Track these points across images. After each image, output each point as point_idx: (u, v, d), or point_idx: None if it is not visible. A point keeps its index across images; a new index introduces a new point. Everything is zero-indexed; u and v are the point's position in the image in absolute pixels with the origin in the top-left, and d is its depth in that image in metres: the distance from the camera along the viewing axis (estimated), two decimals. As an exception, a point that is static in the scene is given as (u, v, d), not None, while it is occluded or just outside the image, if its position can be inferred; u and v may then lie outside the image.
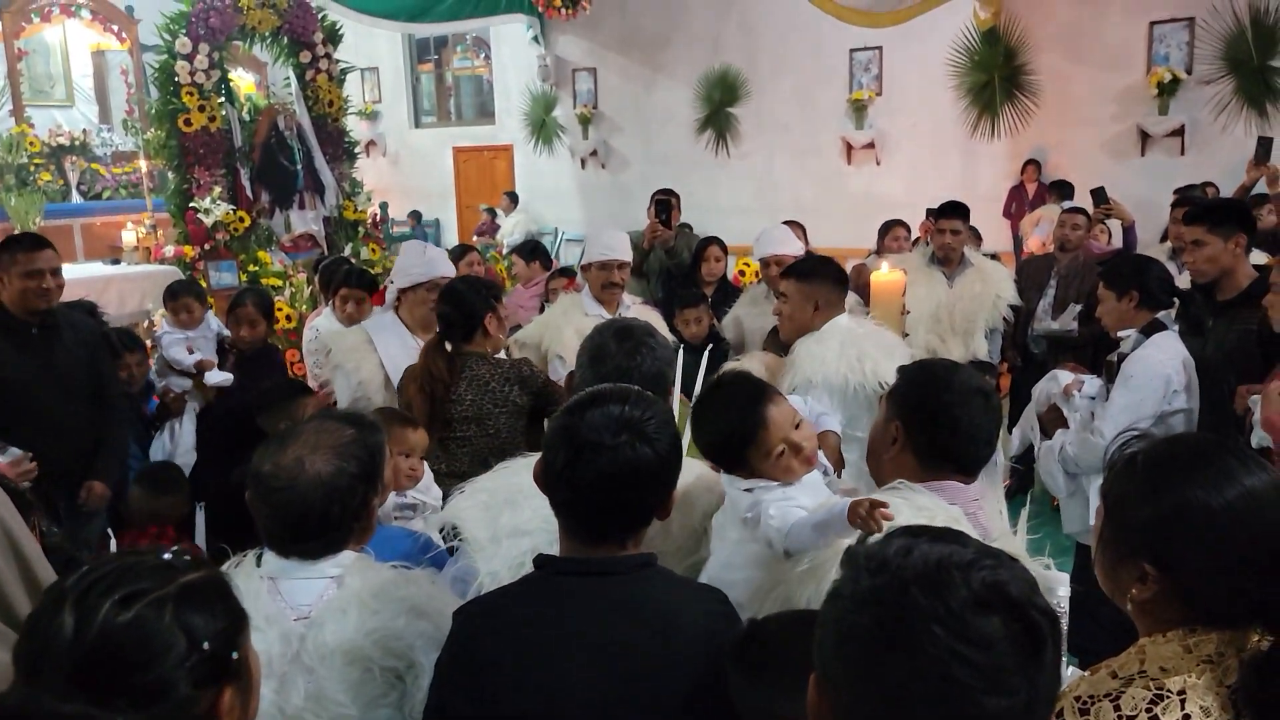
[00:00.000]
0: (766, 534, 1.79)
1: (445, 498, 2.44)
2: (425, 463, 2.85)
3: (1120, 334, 3.34)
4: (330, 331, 4.11)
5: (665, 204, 5.22)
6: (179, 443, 4.22)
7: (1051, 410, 3.41)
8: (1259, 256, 5.23)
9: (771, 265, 4.23)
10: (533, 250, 6.05)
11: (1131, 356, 3.24)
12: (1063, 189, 9.02)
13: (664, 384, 2.19)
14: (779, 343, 3.20)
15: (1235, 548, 1.24)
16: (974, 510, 1.82)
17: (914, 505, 1.72)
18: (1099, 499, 1.41)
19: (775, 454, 1.86)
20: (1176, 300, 3.40)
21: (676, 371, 2.31)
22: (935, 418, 1.87)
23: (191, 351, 4.39)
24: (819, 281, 3.08)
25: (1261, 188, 6.27)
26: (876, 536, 1.34)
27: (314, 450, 1.69)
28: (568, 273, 6.04)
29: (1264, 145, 6.15)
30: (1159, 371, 3.18)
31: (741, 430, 1.88)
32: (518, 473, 2.05)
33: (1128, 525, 1.32)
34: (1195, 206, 3.86)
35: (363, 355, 3.48)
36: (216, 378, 4.32)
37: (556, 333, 3.93)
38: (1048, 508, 4.71)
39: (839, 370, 2.89)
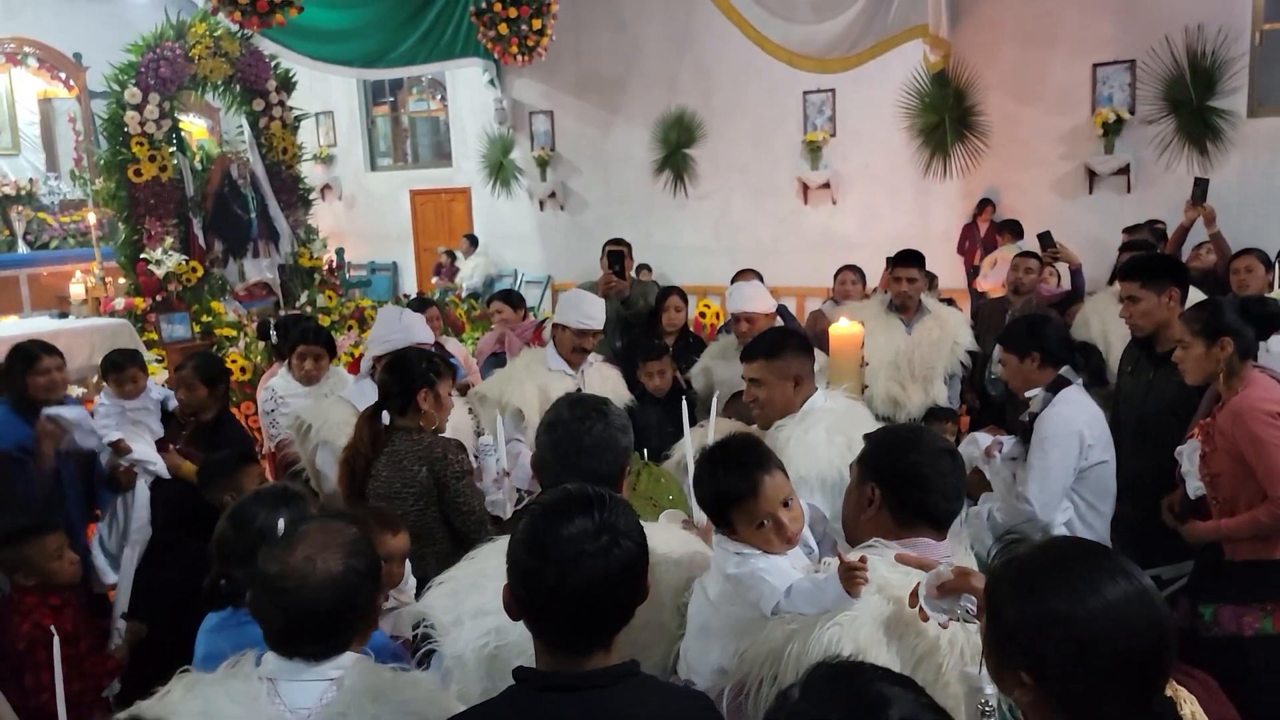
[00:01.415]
0: (759, 592, 1.87)
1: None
2: (407, 563, 2.79)
3: (1027, 394, 3.38)
4: (305, 405, 3.89)
5: (618, 255, 5.20)
6: (132, 518, 3.99)
7: (974, 473, 3.42)
8: (1197, 295, 5.36)
9: (742, 322, 4.24)
10: (519, 299, 5.98)
11: (1042, 417, 3.27)
12: (1014, 228, 9.20)
13: (615, 450, 2.25)
14: (745, 408, 3.06)
15: (1099, 657, 1.26)
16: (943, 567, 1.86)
17: (890, 562, 1.82)
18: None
19: (757, 524, 1.94)
20: (1077, 354, 3.47)
21: (631, 438, 2.33)
22: (908, 478, 1.97)
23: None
24: (790, 355, 2.87)
25: (1200, 227, 6.42)
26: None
27: (324, 549, 1.71)
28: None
29: (1200, 186, 6.30)
30: (1071, 430, 3.22)
31: (733, 492, 1.96)
32: (483, 559, 2.11)
33: (1003, 631, 1.35)
34: (1129, 262, 3.94)
35: (346, 425, 3.33)
36: (138, 456, 3.97)
37: (518, 386, 3.89)
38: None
39: (831, 462, 2.65)
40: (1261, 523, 2.91)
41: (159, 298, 7.80)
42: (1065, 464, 3.23)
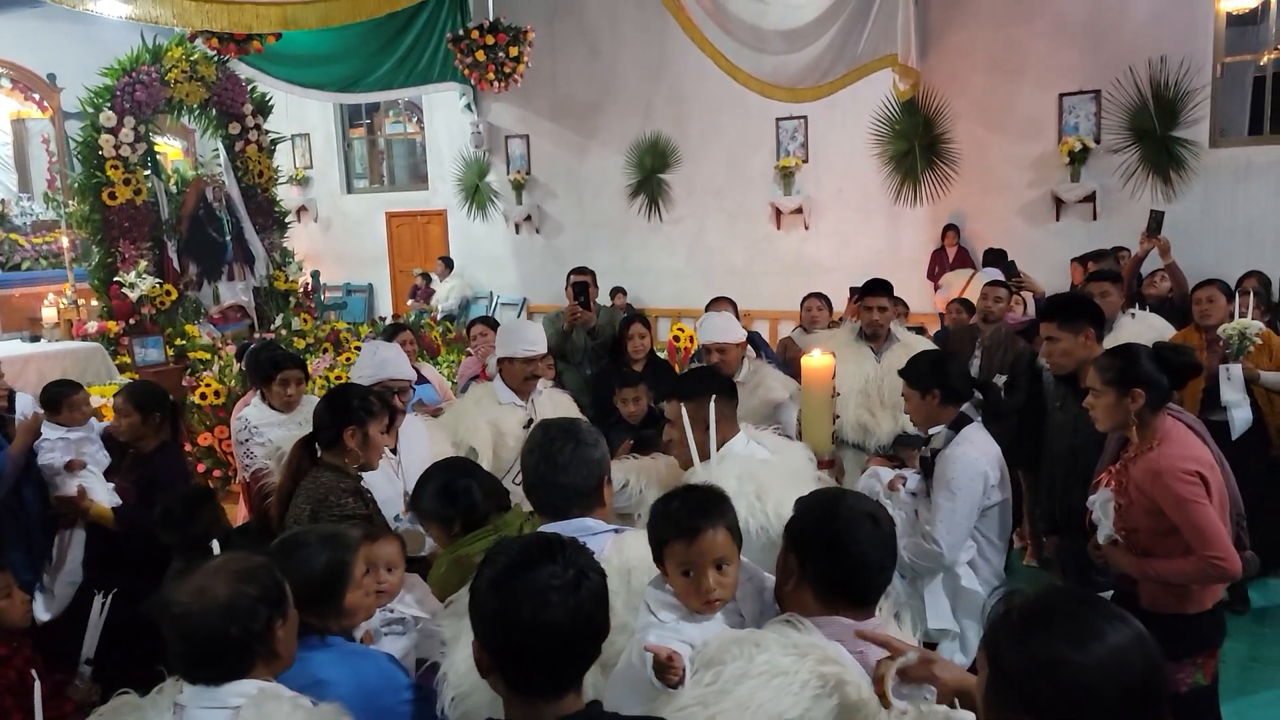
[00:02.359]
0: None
1: None
2: (413, 576, 2.76)
3: (931, 431, 3.41)
4: (284, 434, 3.82)
5: (582, 286, 5.23)
6: (68, 557, 3.88)
7: None
8: (1156, 321, 5.47)
9: (713, 353, 4.29)
10: (497, 324, 6.03)
11: (946, 456, 3.28)
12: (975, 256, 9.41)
13: (589, 464, 2.31)
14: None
15: (1104, 703, 1.30)
16: (861, 649, 1.79)
17: (784, 643, 1.73)
18: (979, 649, 1.46)
19: (683, 570, 1.93)
20: (976, 392, 3.51)
21: (604, 449, 2.39)
22: (822, 549, 1.86)
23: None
24: (704, 400, 2.76)
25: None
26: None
27: (216, 575, 1.81)
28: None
29: (1156, 218, 6.41)
30: (977, 470, 3.23)
31: (671, 531, 1.95)
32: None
33: (1005, 680, 1.36)
34: (1046, 304, 4.03)
35: None
36: (87, 483, 3.90)
37: (470, 423, 3.90)
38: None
39: (736, 512, 2.70)
40: (1189, 574, 2.90)
41: (132, 321, 7.76)
42: (971, 505, 3.24)
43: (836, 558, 1.84)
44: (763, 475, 2.68)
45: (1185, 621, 2.96)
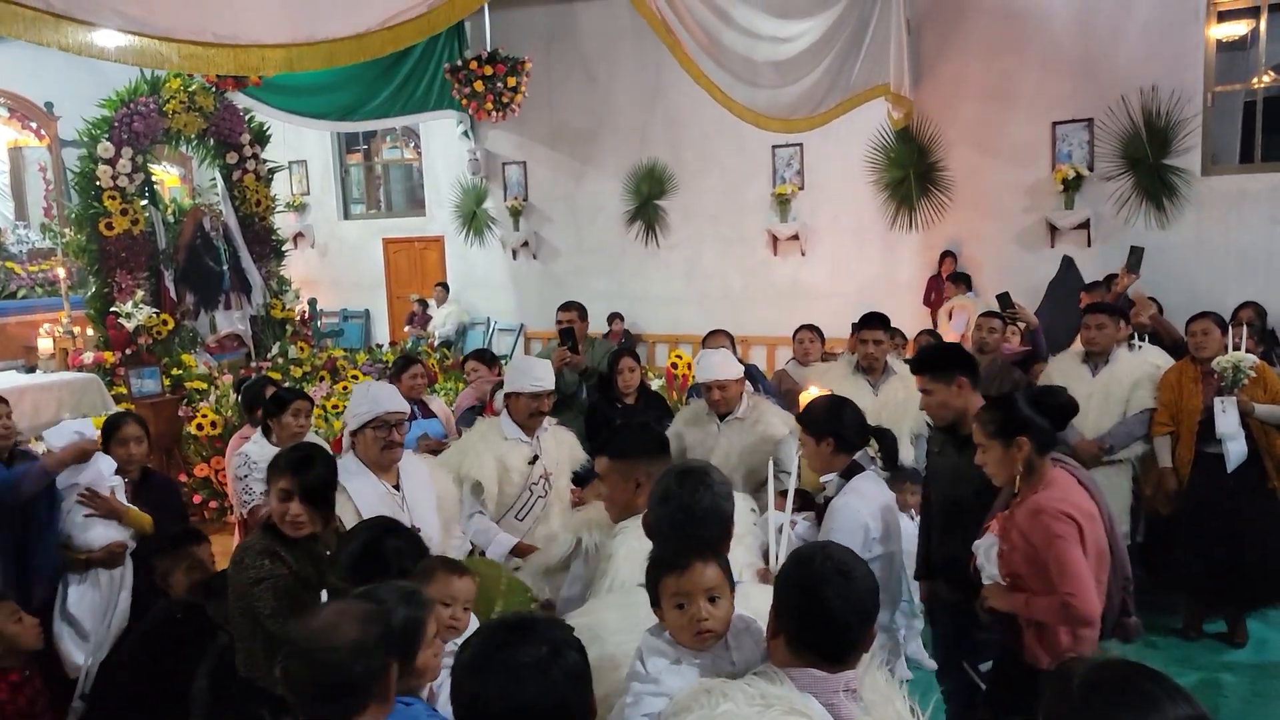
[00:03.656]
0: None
1: None
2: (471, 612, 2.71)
3: (823, 479, 3.37)
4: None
5: (568, 333, 5.22)
6: (119, 599, 3.89)
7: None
8: (1154, 354, 5.49)
9: (714, 390, 4.30)
10: (492, 357, 6.06)
11: (832, 506, 3.25)
12: (964, 280, 9.47)
13: (723, 517, 2.35)
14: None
15: None
16: (833, 701, 1.80)
17: (751, 695, 1.75)
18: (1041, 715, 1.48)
19: (673, 606, 1.98)
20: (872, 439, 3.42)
21: (733, 503, 2.43)
22: (791, 604, 1.86)
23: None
24: (635, 459, 2.76)
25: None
26: None
27: (343, 614, 1.89)
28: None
29: (1135, 255, 6.45)
30: (858, 522, 3.17)
31: (659, 570, 2.01)
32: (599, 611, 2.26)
33: None
34: (916, 357, 4.00)
35: (340, 505, 3.25)
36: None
37: (475, 459, 3.92)
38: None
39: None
40: (1049, 613, 2.92)
41: (129, 351, 7.75)
42: None
43: (804, 613, 1.83)
44: None
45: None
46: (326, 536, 2.98)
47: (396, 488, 3.51)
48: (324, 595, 2.24)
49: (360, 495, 3.34)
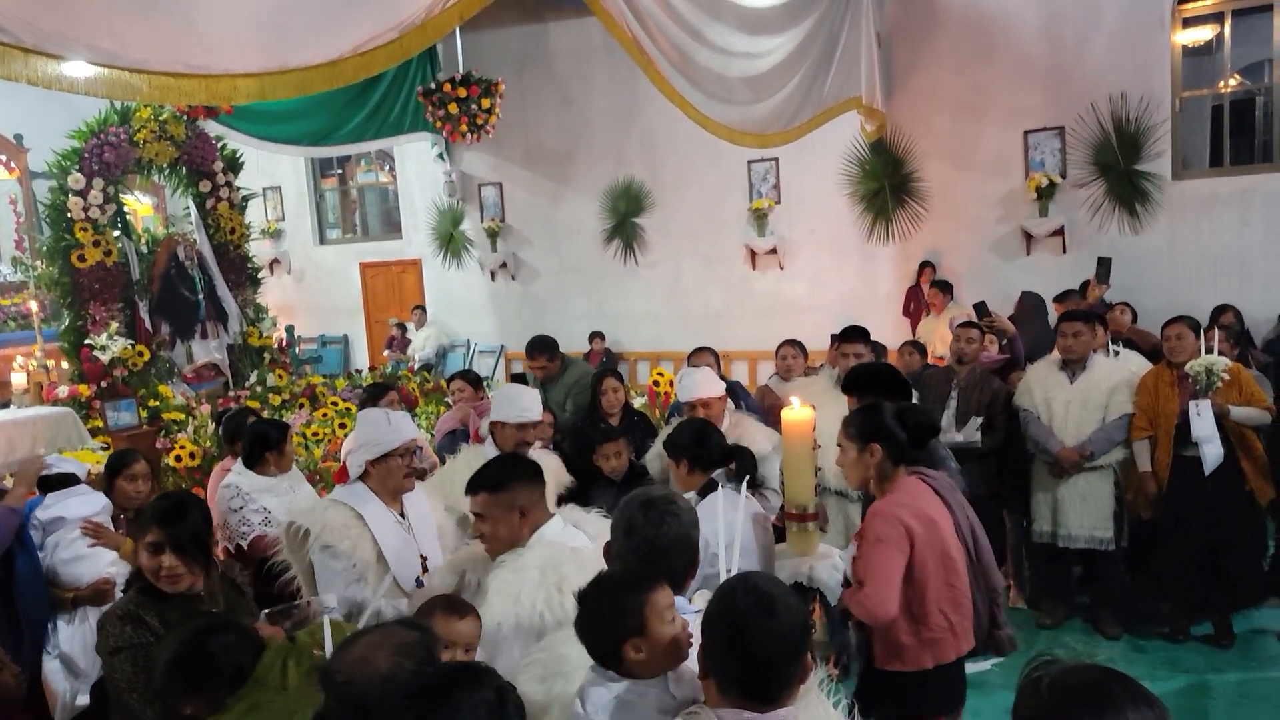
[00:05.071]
0: None
1: None
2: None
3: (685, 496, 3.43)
4: (299, 508, 3.61)
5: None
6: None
7: None
8: (1133, 360, 5.54)
9: (696, 408, 4.29)
10: (477, 379, 6.00)
11: None
12: (945, 287, 9.47)
13: (690, 547, 2.35)
14: None
15: None
16: None
17: None
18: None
19: (665, 618, 1.97)
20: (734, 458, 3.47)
21: (699, 529, 2.44)
22: (716, 643, 1.79)
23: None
24: (512, 487, 2.72)
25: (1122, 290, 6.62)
26: None
27: (378, 647, 1.86)
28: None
29: (1104, 265, 6.52)
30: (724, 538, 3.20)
31: (647, 578, 2.02)
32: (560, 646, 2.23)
33: None
34: (846, 377, 4.06)
35: (359, 534, 3.19)
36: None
37: (463, 487, 3.85)
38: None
39: (535, 605, 2.46)
40: (851, 601, 2.98)
41: (104, 384, 7.65)
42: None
43: (727, 653, 1.75)
44: (568, 565, 2.56)
45: (904, 679, 2.98)
46: (210, 587, 2.80)
47: (403, 516, 3.47)
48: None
49: (377, 524, 3.25)
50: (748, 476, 3.35)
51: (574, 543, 2.71)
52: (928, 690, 3.00)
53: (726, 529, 3.14)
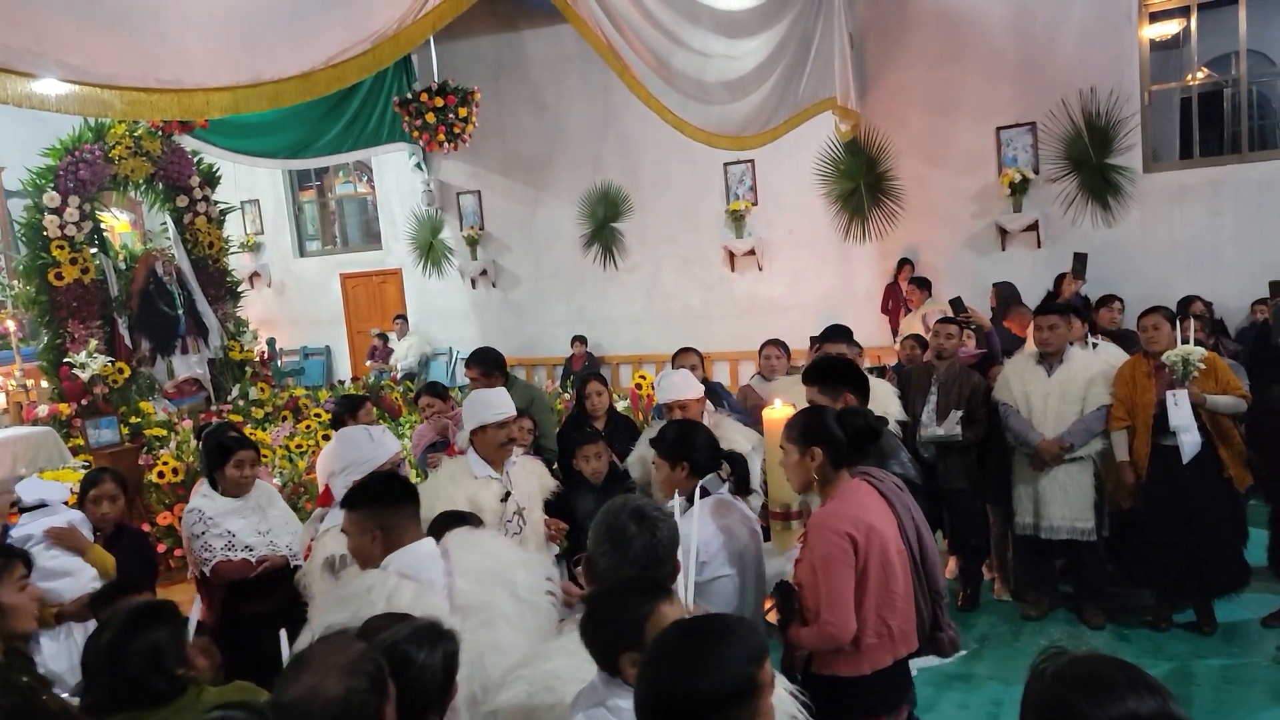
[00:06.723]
0: None
1: None
2: None
3: (669, 504, 3.37)
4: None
5: None
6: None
7: None
8: (1110, 352, 5.60)
9: (675, 410, 4.31)
10: (444, 390, 5.96)
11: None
12: (924, 284, 9.54)
13: (673, 552, 2.40)
14: None
15: None
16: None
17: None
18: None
19: None
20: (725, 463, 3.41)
21: (677, 534, 2.44)
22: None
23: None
24: (369, 509, 2.68)
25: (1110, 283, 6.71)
26: None
27: (327, 673, 1.76)
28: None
29: (1080, 260, 6.57)
30: (685, 547, 3.05)
31: (656, 588, 2.04)
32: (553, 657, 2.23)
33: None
34: (806, 370, 3.97)
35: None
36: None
37: (448, 501, 3.73)
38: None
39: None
40: (813, 641, 2.89)
41: (85, 402, 7.61)
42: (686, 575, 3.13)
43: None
44: (378, 600, 2.47)
45: (845, 684, 2.91)
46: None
47: None
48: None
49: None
50: (731, 479, 3.36)
51: (425, 574, 2.56)
52: (865, 693, 2.94)
53: (725, 532, 3.15)
